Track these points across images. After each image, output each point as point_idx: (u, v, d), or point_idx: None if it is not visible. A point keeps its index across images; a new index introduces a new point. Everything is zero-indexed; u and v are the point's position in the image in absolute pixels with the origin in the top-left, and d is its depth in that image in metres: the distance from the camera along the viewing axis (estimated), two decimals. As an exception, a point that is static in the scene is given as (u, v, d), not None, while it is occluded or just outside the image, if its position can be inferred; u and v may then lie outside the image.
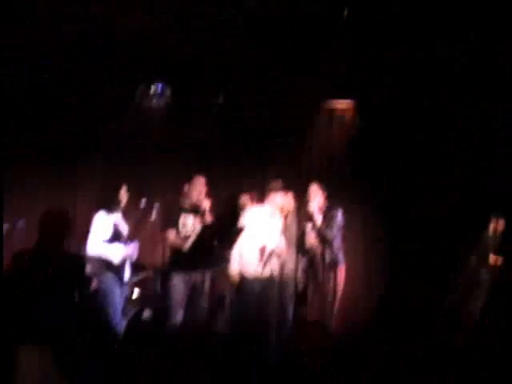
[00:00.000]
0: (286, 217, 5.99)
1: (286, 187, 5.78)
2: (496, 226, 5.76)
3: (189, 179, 5.58)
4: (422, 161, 6.93)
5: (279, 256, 5.76)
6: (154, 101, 5.89)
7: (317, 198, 5.87)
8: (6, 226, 4.98)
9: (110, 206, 5.41)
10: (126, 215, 5.84)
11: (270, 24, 5.33)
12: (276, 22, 5.30)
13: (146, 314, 6.10)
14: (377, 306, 6.38)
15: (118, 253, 5.30)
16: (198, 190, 5.55)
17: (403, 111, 6.90)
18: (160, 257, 6.74)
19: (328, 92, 6.99)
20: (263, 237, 5.62)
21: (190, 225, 5.57)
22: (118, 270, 5.32)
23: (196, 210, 5.55)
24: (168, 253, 5.92)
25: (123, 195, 5.48)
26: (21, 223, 5.37)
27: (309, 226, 5.79)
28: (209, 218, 5.58)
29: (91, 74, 6.08)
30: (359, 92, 6.88)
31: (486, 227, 5.81)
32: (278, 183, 5.72)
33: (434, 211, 6.77)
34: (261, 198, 5.91)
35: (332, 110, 7.27)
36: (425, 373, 4.99)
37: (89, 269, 5.23)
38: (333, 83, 6.60)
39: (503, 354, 5.16)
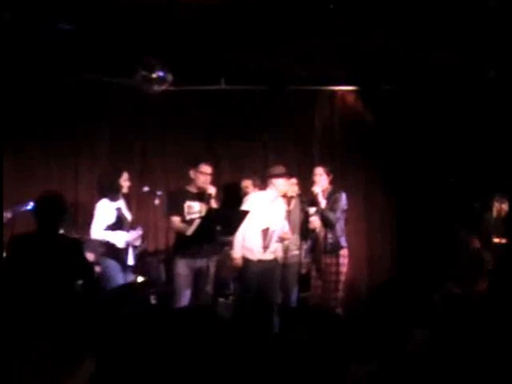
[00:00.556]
0: (289, 201, 6.01)
1: (289, 173, 5.79)
2: (500, 208, 5.71)
3: (194, 166, 5.60)
4: (427, 145, 6.90)
5: (283, 239, 5.80)
6: (156, 87, 5.87)
7: (321, 182, 5.86)
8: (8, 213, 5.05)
9: (112, 192, 5.48)
10: (130, 202, 5.91)
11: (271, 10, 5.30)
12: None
13: (151, 299, 6.14)
14: (380, 290, 6.37)
15: (121, 238, 5.40)
16: (204, 176, 5.57)
17: (406, 94, 6.88)
18: (164, 242, 6.82)
19: (331, 77, 6.99)
20: (266, 220, 5.65)
21: (195, 210, 5.58)
22: (121, 254, 5.40)
23: (201, 196, 5.57)
24: (172, 238, 5.97)
25: (124, 182, 5.55)
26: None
27: (312, 209, 5.79)
28: (214, 204, 5.60)
29: (92, 60, 6.11)
30: (362, 78, 6.86)
31: (490, 209, 5.76)
32: (280, 169, 5.72)
33: (438, 195, 6.74)
34: (263, 183, 5.93)
35: (336, 94, 7.26)
36: (429, 358, 4.96)
37: (91, 254, 5.32)
38: (335, 69, 6.59)
39: (507, 338, 5.13)
